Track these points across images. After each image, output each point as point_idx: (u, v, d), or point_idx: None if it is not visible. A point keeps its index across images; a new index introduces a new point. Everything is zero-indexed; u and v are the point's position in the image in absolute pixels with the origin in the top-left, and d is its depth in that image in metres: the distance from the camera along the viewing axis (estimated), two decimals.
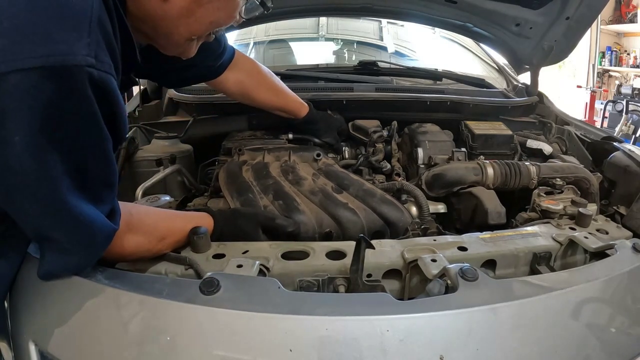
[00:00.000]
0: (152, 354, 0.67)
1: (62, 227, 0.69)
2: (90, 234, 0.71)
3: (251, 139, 1.49)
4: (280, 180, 1.24)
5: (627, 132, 5.02)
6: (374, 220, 1.11)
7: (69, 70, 0.56)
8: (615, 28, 6.66)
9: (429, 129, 1.51)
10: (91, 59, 0.58)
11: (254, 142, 1.46)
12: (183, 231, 0.93)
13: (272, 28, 2.49)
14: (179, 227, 0.93)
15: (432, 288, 0.77)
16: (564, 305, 0.75)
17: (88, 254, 0.75)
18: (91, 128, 0.63)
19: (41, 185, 0.62)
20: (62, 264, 0.74)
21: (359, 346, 0.65)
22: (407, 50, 2.62)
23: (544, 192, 1.21)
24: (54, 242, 0.71)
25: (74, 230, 0.69)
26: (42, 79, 0.55)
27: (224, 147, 1.45)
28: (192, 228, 0.93)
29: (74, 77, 0.57)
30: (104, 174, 0.71)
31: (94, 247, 0.74)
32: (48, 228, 0.69)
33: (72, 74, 0.56)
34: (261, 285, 0.73)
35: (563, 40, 1.64)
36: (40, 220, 0.67)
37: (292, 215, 1.07)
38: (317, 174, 1.30)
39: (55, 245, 0.71)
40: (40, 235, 0.71)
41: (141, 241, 0.86)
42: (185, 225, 0.94)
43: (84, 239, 0.71)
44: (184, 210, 1.21)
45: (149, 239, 0.87)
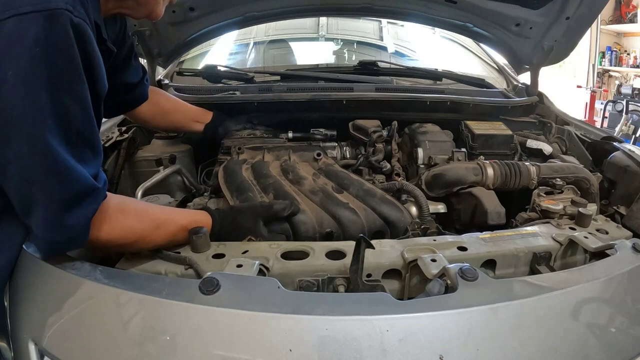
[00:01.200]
0: (151, 353, 0.67)
1: (46, 173, 0.70)
2: (75, 187, 0.72)
3: (251, 138, 1.49)
4: (281, 179, 1.24)
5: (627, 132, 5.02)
6: (374, 220, 1.11)
7: (54, 13, 0.67)
8: (615, 28, 6.65)
9: (429, 129, 1.50)
10: (70, 6, 0.69)
11: (254, 141, 1.46)
12: (179, 224, 0.92)
13: (272, 28, 2.49)
14: (175, 219, 0.93)
15: (432, 288, 0.77)
16: (564, 305, 0.75)
17: (73, 215, 0.73)
18: (72, 69, 0.70)
19: (30, 121, 0.67)
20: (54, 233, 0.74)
21: (359, 346, 0.65)
22: (407, 50, 2.62)
23: (544, 192, 1.21)
24: (39, 206, 0.71)
25: (59, 178, 0.70)
26: (32, 21, 0.65)
27: (224, 145, 1.45)
28: (192, 228, 0.93)
29: (57, 19, 0.67)
30: (86, 131, 0.74)
31: (77, 205, 0.73)
32: (33, 177, 0.69)
33: (55, 16, 0.67)
34: (261, 285, 0.73)
35: (563, 40, 1.64)
36: (26, 168, 0.69)
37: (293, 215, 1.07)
38: (317, 174, 1.30)
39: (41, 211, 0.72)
40: (26, 199, 0.71)
41: (133, 225, 0.86)
42: (182, 218, 0.94)
43: (67, 190, 0.72)
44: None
45: (141, 224, 0.87)
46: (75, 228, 0.75)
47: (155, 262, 0.89)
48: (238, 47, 2.48)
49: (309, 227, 1.06)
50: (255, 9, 1.70)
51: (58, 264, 0.80)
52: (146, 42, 1.62)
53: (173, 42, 1.72)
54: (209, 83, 1.83)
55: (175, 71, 1.98)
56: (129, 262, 0.90)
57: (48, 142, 0.68)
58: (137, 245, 0.88)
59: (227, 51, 2.44)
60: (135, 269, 0.87)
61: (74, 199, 0.73)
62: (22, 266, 0.85)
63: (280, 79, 1.86)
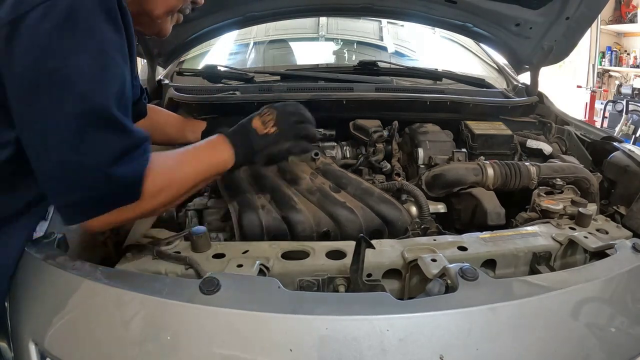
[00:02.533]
0: (152, 353, 0.67)
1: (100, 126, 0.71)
2: (128, 139, 0.74)
3: None
4: (278, 179, 1.24)
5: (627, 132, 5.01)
6: (372, 219, 1.11)
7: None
8: (615, 28, 6.65)
9: (430, 129, 1.50)
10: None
11: None
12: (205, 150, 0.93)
13: (272, 28, 2.49)
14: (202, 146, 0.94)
15: (432, 288, 0.77)
16: (564, 305, 0.75)
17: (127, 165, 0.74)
18: (123, 36, 0.75)
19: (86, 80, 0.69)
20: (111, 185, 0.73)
21: (359, 346, 0.65)
22: (407, 50, 2.62)
23: (544, 192, 1.21)
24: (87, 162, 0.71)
25: (114, 130, 0.72)
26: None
27: None
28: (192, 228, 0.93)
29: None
30: (128, 97, 0.78)
31: (131, 157, 0.74)
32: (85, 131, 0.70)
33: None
34: (261, 285, 0.74)
35: (563, 40, 1.64)
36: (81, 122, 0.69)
37: (289, 215, 1.07)
38: (315, 173, 1.29)
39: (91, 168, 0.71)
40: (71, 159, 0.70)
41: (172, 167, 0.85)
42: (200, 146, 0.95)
43: (122, 141, 0.73)
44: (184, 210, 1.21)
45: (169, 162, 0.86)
46: (129, 178, 0.75)
47: (155, 262, 0.89)
48: (238, 47, 2.48)
49: (306, 226, 1.06)
50: (255, 9, 1.70)
51: (58, 264, 0.80)
52: (146, 42, 1.62)
53: (173, 42, 1.72)
54: (209, 83, 1.83)
55: (175, 71, 1.97)
56: (129, 262, 0.91)
57: (104, 98, 0.71)
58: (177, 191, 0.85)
59: (227, 51, 2.43)
60: (136, 269, 0.87)
61: (128, 150, 0.74)
62: (23, 266, 0.85)
63: (281, 79, 1.85)
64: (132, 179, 0.75)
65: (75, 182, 0.72)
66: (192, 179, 0.88)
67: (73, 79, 0.68)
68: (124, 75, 0.75)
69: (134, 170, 0.75)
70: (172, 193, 0.85)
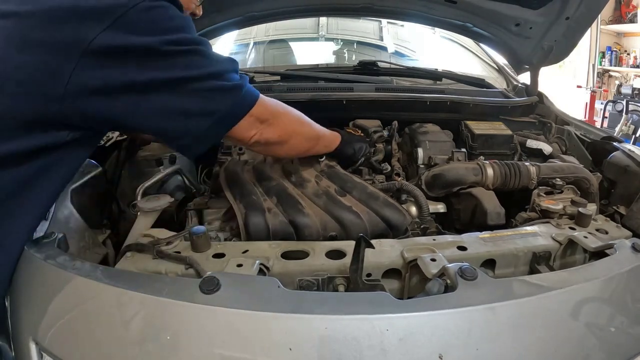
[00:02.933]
0: (152, 352, 0.67)
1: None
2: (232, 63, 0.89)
3: None
4: (283, 181, 1.23)
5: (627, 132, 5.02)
6: (377, 223, 1.11)
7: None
8: (615, 28, 6.65)
9: (430, 129, 1.51)
10: None
11: None
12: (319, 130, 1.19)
13: (272, 28, 2.49)
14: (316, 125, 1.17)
15: (431, 287, 0.77)
16: (564, 305, 0.75)
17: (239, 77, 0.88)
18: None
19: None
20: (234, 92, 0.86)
21: (359, 345, 0.65)
22: (407, 50, 2.62)
23: (544, 192, 1.21)
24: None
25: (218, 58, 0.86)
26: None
27: (224, 145, 1.44)
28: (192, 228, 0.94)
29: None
30: None
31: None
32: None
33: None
34: (261, 285, 0.74)
35: (563, 40, 1.64)
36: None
37: (296, 218, 1.07)
38: (320, 176, 1.29)
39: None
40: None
41: (289, 111, 1.07)
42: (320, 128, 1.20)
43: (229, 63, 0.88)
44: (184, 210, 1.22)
45: (293, 113, 1.09)
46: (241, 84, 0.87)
47: (155, 262, 0.89)
48: (238, 47, 2.48)
49: (313, 230, 1.06)
50: (255, 9, 1.70)
51: (59, 263, 0.80)
52: None
53: None
54: None
55: None
56: (129, 261, 0.91)
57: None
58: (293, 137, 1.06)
59: (227, 51, 2.44)
60: (136, 269, 0.88)
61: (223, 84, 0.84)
62: (23, 266, 0.85)
63: (281, 79, 1.86)
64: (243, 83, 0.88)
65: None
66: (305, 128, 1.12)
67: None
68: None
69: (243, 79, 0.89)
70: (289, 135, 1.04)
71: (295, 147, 1.10)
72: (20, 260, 0.86)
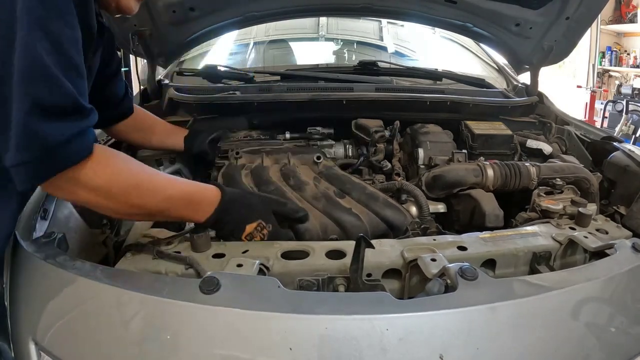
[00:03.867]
0: (152, 352, 0.67)
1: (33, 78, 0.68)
2: (60, 96, 0.71)
3: (247, 140, 1.48)
4: (282, 185, 1.23)
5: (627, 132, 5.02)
6: (377, 224, 1.11)
7: None
8: (615, 28, 6.65)
9: (431, 130, 1.50)
10: None
11: (251, 144, 1.45)
12: (181, 189, 0.90)
13: (272, 28, 2.49)
14: (179, 183, 0.91)
15: (431, 287, 0.77)
16: (564, 305, 0.75)
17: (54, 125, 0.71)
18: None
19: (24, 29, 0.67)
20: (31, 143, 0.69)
21: (359, 345, 0.65)
22: (407, 50, 2.62)
23: (544, 192, 1.21)
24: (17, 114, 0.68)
25: (46, 84, 0.69)
26: None
27: (220, 149, 1.43)
28: (192, 228, 0.93)
29: None
30: (76, 60, 0.74)
31: (61, 118, 0.71)
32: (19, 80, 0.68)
33: None
34: (261, 285, 0.74)
35: (563, 40, 1.64)
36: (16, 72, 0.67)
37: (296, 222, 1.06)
38: (318, 178, 1.28)
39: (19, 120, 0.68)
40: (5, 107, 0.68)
41: (131, 168, 0.83)
42: (186, 185, 0.91)
43: (52, 97, 0.70)
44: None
45: (139, 170, 0.84)
46: (52, 139, 0.71)
47: (155, 262, 0.89)
48: (238, 47, 2.48)
49: (313, 234, 1.06)
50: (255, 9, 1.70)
51: (58, 263, 0.80)
52: (146, 42, 1.62)
53: (173, 42, 1.72)
54: (209, 83, 1.83)
55: (175, 71, 1.98)
56: (129, 261, 0.91)
57: (38, 50, 0.68)
58: (130, 198, 0.83)
59: (227, 51, 2.44)
60: (136, 269, 0.87)
61: (59, 109, 0.71)
62: (23, 265, 0.85)
63: (280, 79, 1.85)
64: (55, 141, 0.71)
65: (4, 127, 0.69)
66: (149, 201, 0.86)
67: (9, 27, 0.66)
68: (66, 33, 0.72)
69: (59, 132, 0.71)
70: (126, 196, 0.82)
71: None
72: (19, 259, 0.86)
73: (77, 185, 0.77)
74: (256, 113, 1.58)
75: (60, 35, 0.71)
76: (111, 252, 1.08)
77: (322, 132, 1.51)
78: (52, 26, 0.70)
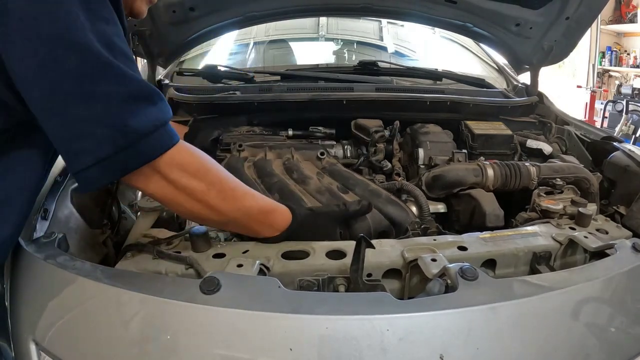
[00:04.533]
0: (152, 353, 0.67)
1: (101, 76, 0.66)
2: (134, 86, 0.69)
3: (250, 135, 1.48)
4: (285, 178, 1.23)
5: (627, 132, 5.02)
6: (380, 220, 1.11)
7: None
8: (615, 28, 6.65)
9: (431, 130, 1.50)
10: None
11: (254, 138, 1.44)
12: (257, 201, 0.90)
13: (272, 28, 2.49)
14: (256, 195, 0.91)
15: (432, 287, 0.77)
16: (564, 305, 0.75)
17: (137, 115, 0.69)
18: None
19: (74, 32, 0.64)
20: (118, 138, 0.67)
21: (359, 345, 0.65)
22: (407, 50, 2.62)
23: (544, 192, 1.21)
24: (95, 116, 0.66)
25: (116, 79, 0.68)
26: None
27: (222, 142, 1.43)
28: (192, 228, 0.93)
29: None
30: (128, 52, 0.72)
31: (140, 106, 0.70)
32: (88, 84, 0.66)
33: None
34: (261, 285, 0.74)
35: (563, 40, 1.64)
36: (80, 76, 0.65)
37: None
38: (322, 173, 1.29)
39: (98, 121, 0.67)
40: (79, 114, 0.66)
41: (212, 167, 0.82)
42: (262, 199, 0.92)
43: (127, 89, 0.68)
44: None
45: (220, 172, 0.83)
46: (141, 131, 0.69)
47: (155, 262, 0.89)
48: (238, 47, 2.48)
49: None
50: (255, 9, 1.70)
51: (59, 263, 0.80)
52: (146, 42, 1.62)
53: (173, 42, 1.72)
54: (209, 83, 1.83)
55: (175, 71, 1.98)
56: (129, 261, 0.91)
57: (97, 48, 0.65)
58: (209, 196, 0.81)
59: (227, 51, 2.44)
60: (136, 269, 0.87)
61: (135, 99, 0.69)
62: (23, 266, 0.85)
63: (281, 79, 1.86)
64: (143, 131, 0.70)
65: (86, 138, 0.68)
66: (227, 206, 0.84)
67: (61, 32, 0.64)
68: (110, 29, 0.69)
69: (144, 122, 0.70)
70: (204, 195, 0.80)
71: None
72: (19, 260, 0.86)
73: (159, 174, 0.75)
74: (256, 113, 1.58)
75: (108, 33, 0.69)
76: (111, 252, 1.08)
77: (324, 132, 1.51)
78: (99, 25, 0.67)
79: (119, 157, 0.69)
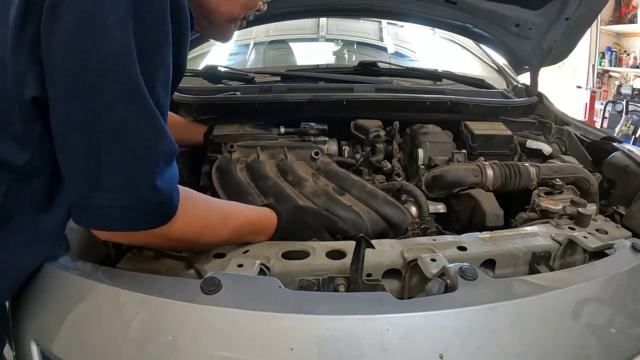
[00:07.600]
0: (153, 353, 0.67)
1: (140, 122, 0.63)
2: (167, 142, 0.66)
3: (240, 134, 1.43)
4: (280, 181, 1.22)
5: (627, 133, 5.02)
6: (378, 222, 1.11)
7: None
8: (615, 28, 6.65)
9: (431, 130, 1.51)
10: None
11: (245, 137, 1.40)
12: (245, 216, 0.90)
13: (272, 29, 2.49)
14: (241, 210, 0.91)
15: (431, 287, 0.77)
16: (563, 305, 0.75)
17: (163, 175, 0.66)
18: (163, 33, 0.64)
19: (126, 67, 0.61)
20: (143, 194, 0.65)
21: (359, 344, 0.65)
22: (407, 51, 2.62)
23: (544, 192, 1.21)
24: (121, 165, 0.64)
25: (154, 129, 0.65)
26: None
27: (212, 142, 1.39)
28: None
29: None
30: (165, 101, 0.68)
31: (167, 165, 0.68)
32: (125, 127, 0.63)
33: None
34: (262, 285, 0.74)
35: (563, 41, 1.64)
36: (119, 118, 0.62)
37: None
38: (317, 174, 1.28)
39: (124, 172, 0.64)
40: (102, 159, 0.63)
41: (202, 213, 0.81)
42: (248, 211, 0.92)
43: (161, 144, 0.65)
44: None
45: (209, 213, 0.83)
46: (164, 192, 0.67)
47: (156, 262, 0.90)
48: (238, 47, 2.48)
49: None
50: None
51: (60, 264, 0.80)
52: None
53: None
54: (209, 83, 1.83)
55: None
56: (130, 262, 0.91)
57: (143, 91, 0.62)
58: (202, 238, 0.83)
59: (227, 52, 2.44)
60: (137, 269, 0.88)
61: (165, 156, 0.67)
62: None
63: (281, 80, 1.86)
64: (166, 193, 0.68)
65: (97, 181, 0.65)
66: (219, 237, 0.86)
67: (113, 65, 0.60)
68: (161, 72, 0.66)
69: (168, 183, 0.68)
70: (197, 239, 0.82)
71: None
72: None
73: (153, 235, 0.73)
74: (257, 113, 1.58)
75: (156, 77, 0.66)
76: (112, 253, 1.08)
77: (317, 128, 1.47)
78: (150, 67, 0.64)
79: (134, 211, 0.67)
